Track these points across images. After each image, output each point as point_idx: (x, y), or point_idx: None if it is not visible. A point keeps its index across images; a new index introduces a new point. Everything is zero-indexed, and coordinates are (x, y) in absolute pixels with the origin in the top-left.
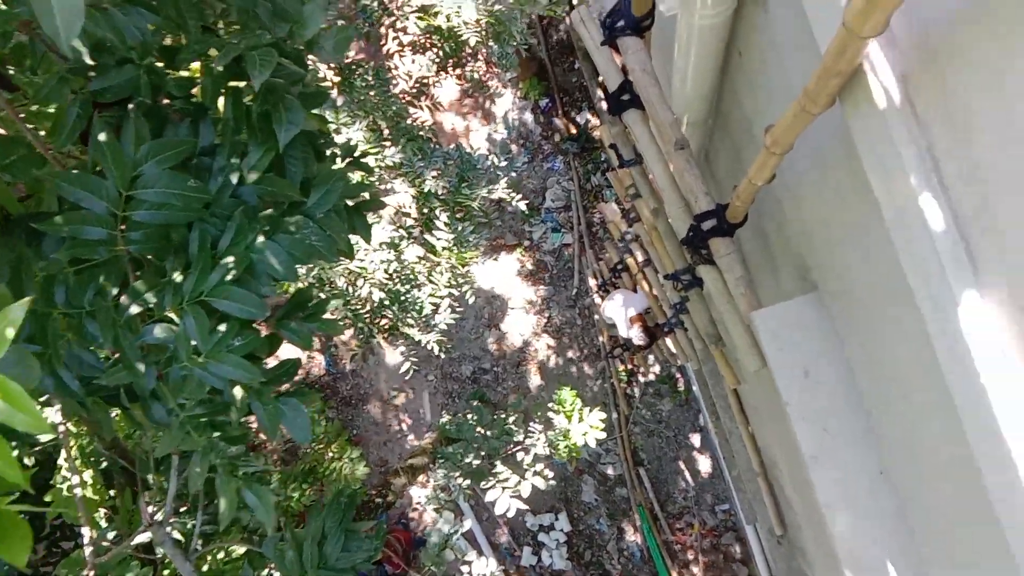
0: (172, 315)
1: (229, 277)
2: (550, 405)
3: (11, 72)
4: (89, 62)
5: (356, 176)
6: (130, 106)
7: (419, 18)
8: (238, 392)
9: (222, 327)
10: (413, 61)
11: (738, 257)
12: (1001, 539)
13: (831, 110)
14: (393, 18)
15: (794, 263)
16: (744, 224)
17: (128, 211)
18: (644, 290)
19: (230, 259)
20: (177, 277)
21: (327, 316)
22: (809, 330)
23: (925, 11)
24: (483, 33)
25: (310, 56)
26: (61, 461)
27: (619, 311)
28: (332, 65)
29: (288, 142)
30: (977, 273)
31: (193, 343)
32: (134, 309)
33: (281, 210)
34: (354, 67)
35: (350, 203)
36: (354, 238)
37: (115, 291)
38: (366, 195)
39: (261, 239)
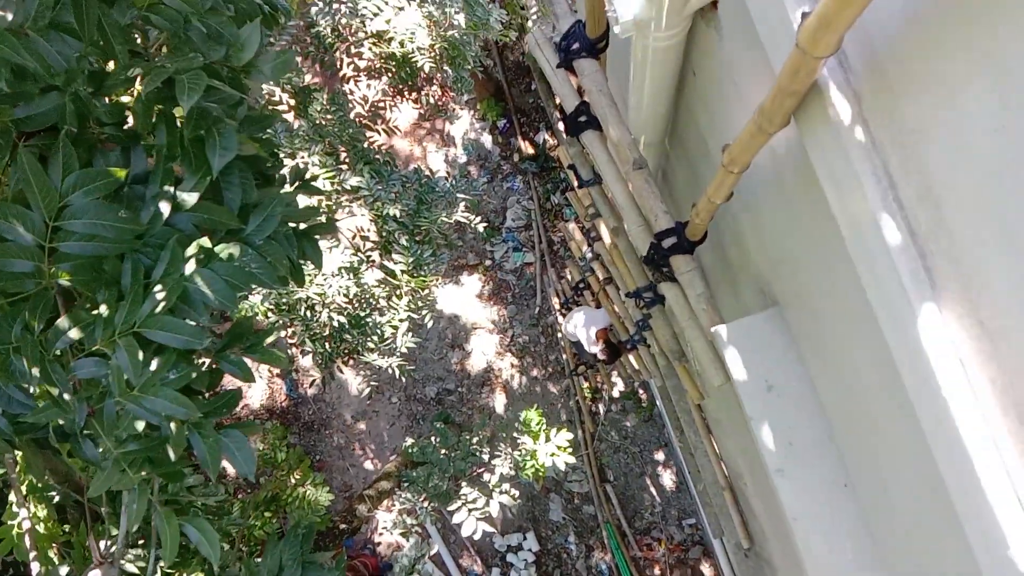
0: (104, 350)
1: (162, 307)
2: (516, 425)
3: None
4: (7, 90)
5: (309, 200)
6: (62, 134)
7: (373, 44)
8: (175, 426)
9: (157, 360)
10: (368, 86)
11: (699, 274)
12: (966, 549)
13: (787, 129)
14: (347, 43)
15: (754, 279)
16: (704, 241)
17: (56, 242)
18: (606, 307)
19: (164, 288)
20: (105, 310)
21: (269, 345)
22: (771, 345)
23: (876, 32)
24: (437, 58)
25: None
26: (12, 497)
27: (582, 329)
28: (287, 88)
29: (225, 167)
30: (935, 288)
31: (126, 379)
32: (62, 343)
33: (219, 238)
34: (310, 90)
35: (301, 226)
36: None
37: (43, 325)
38: (321, 219)
39: (195, 267)
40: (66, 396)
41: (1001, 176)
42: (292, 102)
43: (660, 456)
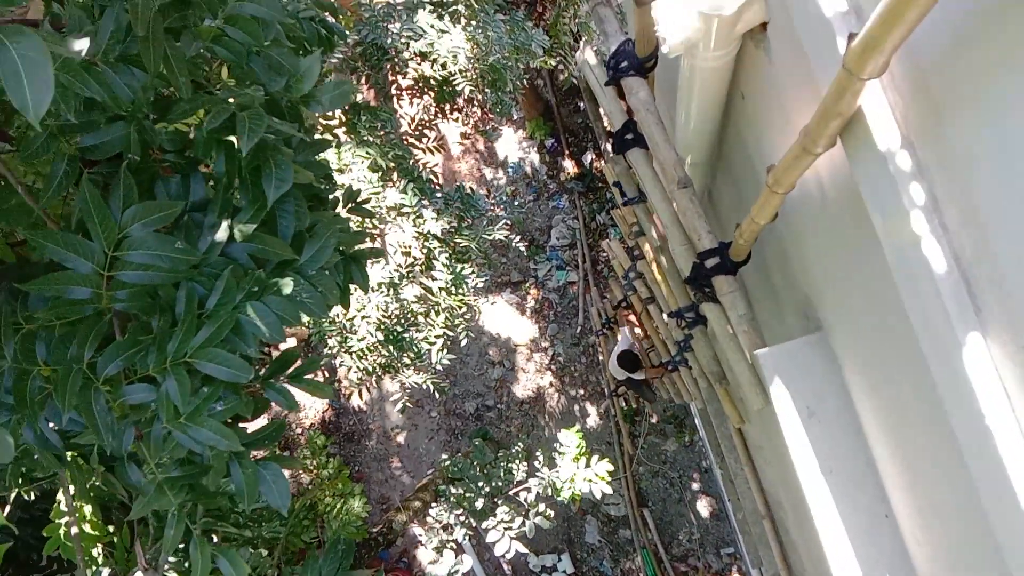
0: (156, 376)
1: (215, 340)
2: (555, 446)
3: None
4: (74, 121)
5: (356, 222)
6: (123, 164)
7: (417, 64)
8: (216, 456)
9: (205, 389)
10: (412, 103)
11: (741, 295)
12: None
13: (833, 151)
14: (393, 63)
15: (798, 302)
16: (747, 263)
17: (113, 271)
18: (625, 330)
19: (217, 321)
20: (158, 338)
21: (313, 377)
22: (813, 370)
23: (924, 54)
24: (477, 80)
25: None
26: (60, 495)
27: (612, 360)
28: None
29: (279, 197)
30: (980, 314)
31: (174, 406)
32: (113, 369)
33: (272, 267)
34: (359, 108)
35: (347, 252)
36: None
37: (96, 348)
38: (366, 243)
39: (249, 300)
40: (102, 427)
41: None
42: (343, 118)
43: (699, 483)
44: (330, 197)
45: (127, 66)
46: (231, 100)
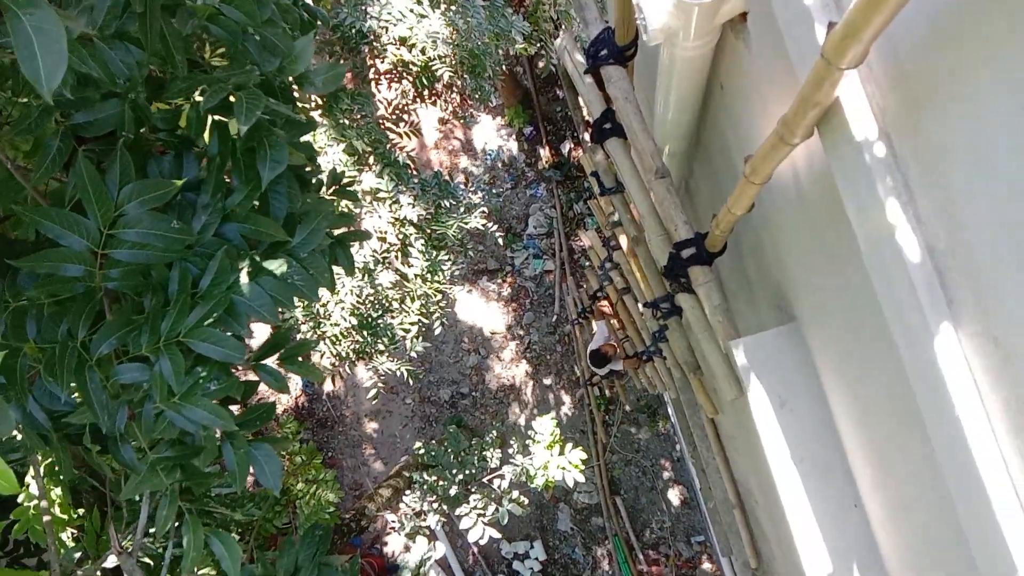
0: (148, 356)
1: (208, 319)
2: (529, 433)
3: None
4: (69, 97)
5: (340, 205)
6: (119, 142)
7: (395, 49)
8: (208, 436)
9: (198, 369)
10: (389, 88)
11: (716, 286)
12: (973, 571)
13: (810, 141)
14: (371, 46)
15: (772, 293)
16: (723, 253)
17: (108, 249)
18: (602, 322)
19: (210, 301)
20: (151, 317)
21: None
22: (786, 360)
23: (903, 45)
24: (456, 66)
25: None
26: (29, 478)
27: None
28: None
29: (272, 179)
30: (952, 305)
31: (168, 386)
32: (107, 348)
33: (264, 248)
34: (337, 91)
35: (334, 233)
36: (336, 270)
37: (88, 327)
38: (350, 226)
39: (244, 280)
40: (97, 405)
41: (1021, 192)
42: (319, 101)
43: (671, 471)
44: (313, 180)
45: (123, 43)
46: (227, 81)
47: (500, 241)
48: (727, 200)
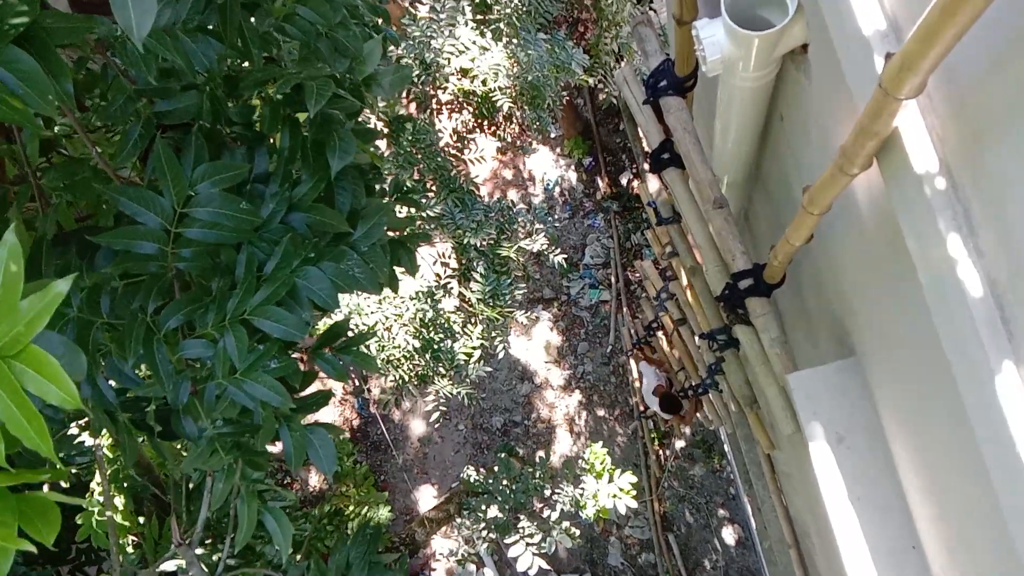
0: (213, 333)
1: (271, 298)
2: (580, 462)
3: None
4: (153, 84)
5: (403, 211)
6: (195, 128)
7: (457, 80)
8: (267, 415)
9: (261, 347)
10: (450, 118)
11: (774, 318)
12: None
13: (870, 172)
14: (434, 77)
15: (832, 326)
16: (782, 285)
17: (180, 228)
18: (645, 364)
19: (274, 283)
20: (222, 296)
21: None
22: (845, 396)
23: (962, 75)
24: (517, 97)
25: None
26: (94, 484)
27: (647, 392)
28: (382, 117)
29: (339, 173)
30: (1013, 340)
31: (231, 362)
32: (174, 323)
33: (327, 240)
34: (403, 120)
35: (395, 235)
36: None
37: (157, 307)
38: (412, 229)
39: (306, 265)
40: (164, 375)
41: None
42: (386, 131)
43: (725, 509)
44: (377, 188)
45: (205, 36)
46: (299, 72)
47: (563, 265)
48: (786, 231)
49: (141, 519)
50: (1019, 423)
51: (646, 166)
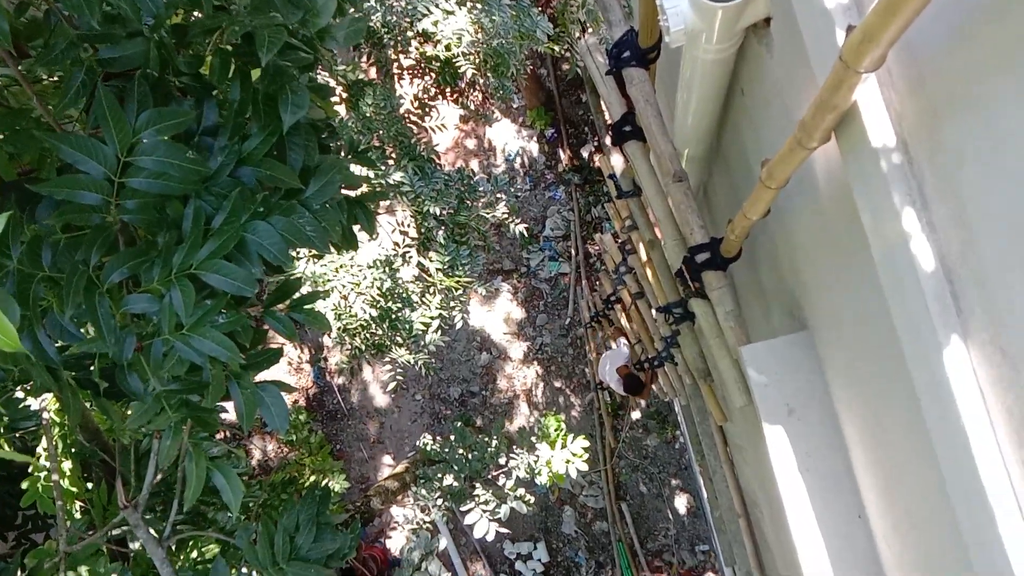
0: (159, 288)
1: (219, 252)
2: (535, 430)
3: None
4: (97, 29)
5: (359, 171)
6: (138, 74)
7: (420, 44)
8: (216, 372)
9: (207, 302)
10: (412, 83)
11: (730, 291)
12: None
13: (827, 147)
14: (396, 41)
15: (785, 300)
16: (738, 259)
17: (125, 178)
18: (624, 342)
19: (222, 236)
20: (167, 250)
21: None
22: (796, 368)
23: (922, 52)
24: (480, 64)
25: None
26: (40, 449)
27: (608, 371)
28: (341, 81)
29: (291, 128)
30: (961, 315)
31: (177, 317)
32: (118, 276)
33: (279, 197)
34: (362, 84)
35: (352, 194)
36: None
37: (100, 259)
38: (372, 186)
39: (256, 220)
40: (105, 330)
41: None
42: (344, 95)
43: (678, 479)
44: (332, 146)
45: None
46: (249, 20)
47: (525, 235)
48: (743, 205)
49: (89, 485)
50: (965, 397)
51: (608, 139)
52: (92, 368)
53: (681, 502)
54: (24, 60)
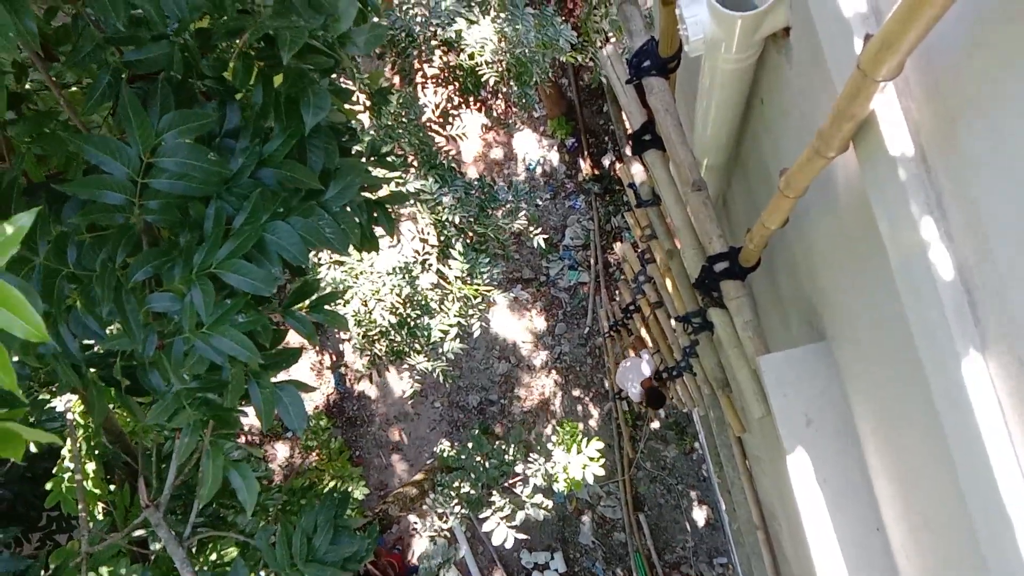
0: (181, 287)
1: (239, 251)
2: (551, 437)
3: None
4: (123, 31)
5: (379, 174)
6: (161, 77)
7: (443, 53)
8: (235, 372)
9: (228, 301)
10: (436, 92)
11: (748, 301)
12: None
13: (846, 156)
14: (420, 50)
15: (804, 310)
16: (756, 268)
17: (148, 179)
18: (648, 351)
19: (242, 235)
20: (189, 250)
21: (333, 309)
22: (815, 379)
23: (940, 60)
24: (503, 73)
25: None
26: (64, 451)
27: (629, 383)
28: (364, 89)
29: (312, 131)
30: (979, 324)
31: (198, 316)
32: (142, 275)
33: (299, 199)
34: (386, 92)
35: (372, 196)
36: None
37: (124, 259)
38: (388, 190)
39: (275, 220)
40: (133, 324)
41: None
42: (368, 103)
43: (697, 491)
44: (352, 150)
45: None
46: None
47: (543, 245)
48: (762, 214)
49: (112, 487)
50: (982, 407)
51: (628, 148)
52: (115, 366)
53: (699, 514)
54: (52, 64)
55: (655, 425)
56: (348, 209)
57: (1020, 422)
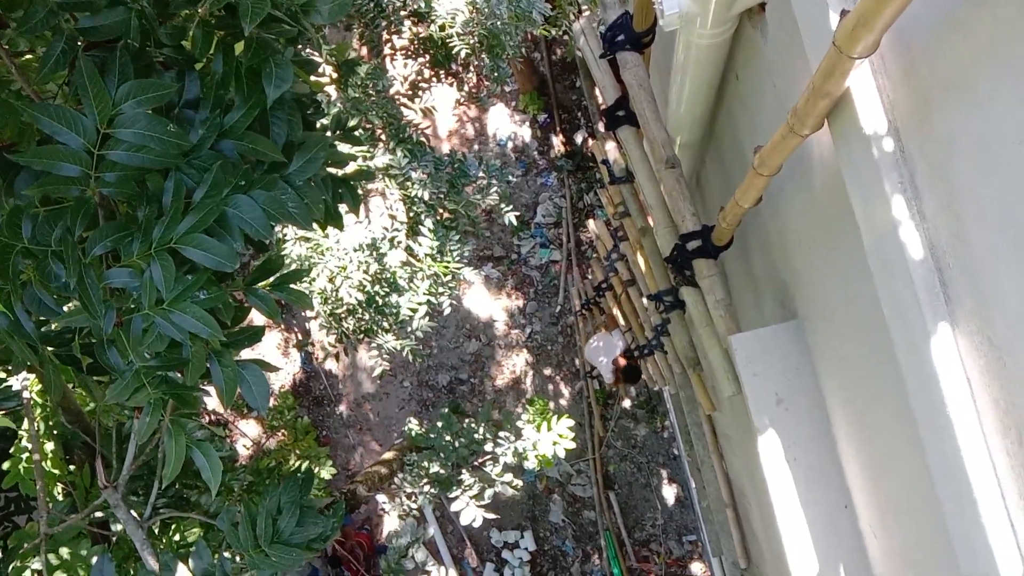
0: (140, 263)
1: (199, 225)
2: (521, 414)
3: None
4: None
5: (345, 149)
6: (119, 45)
7: (413, 23)
8: (196, 349)
9: (189, 277)
10: (405, 65)
11: (720, 280)
12: (956, 571)
13: (820, 135)
14: (389, 20)
15: (776, 290)
16: (729, 247)
17: (105, 150)
18: (620, 329)
19: (203, 209)
20: (148, 224)
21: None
22: (786, 358)
23: (916, 39)
24: (475, 45)
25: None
26: (22, 431)
27: (601, 359)
28: (330, 60)
29: (275, 102)
30: (949, 303)
31: (157, 292)
32: (100, 249)
33: (261, 172)
34: (353, 64)
35: (338, 172)
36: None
37: (83, 232)
38: (354, 165)
39: (237, 193)
40: (94, 299)
41: (1022, 188)
42: (335, 75)
43: (666, 469)
44: (318, 124)
45: None
46: None
47: (514, 223)
48: (735, 192)
49: (72, 468)
50: (952, 386)
51: (601, 124)
52: (72, 343)
53: (669, 492)
54: (3, 31)
55: (626, 404)
56: (312, 184)
57: (988, 402)
